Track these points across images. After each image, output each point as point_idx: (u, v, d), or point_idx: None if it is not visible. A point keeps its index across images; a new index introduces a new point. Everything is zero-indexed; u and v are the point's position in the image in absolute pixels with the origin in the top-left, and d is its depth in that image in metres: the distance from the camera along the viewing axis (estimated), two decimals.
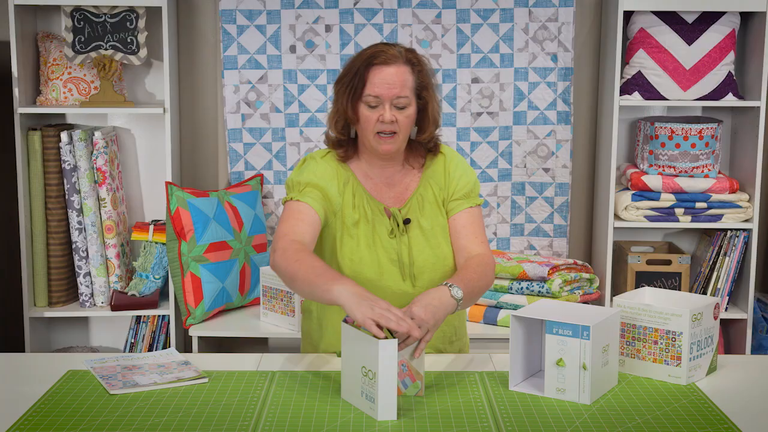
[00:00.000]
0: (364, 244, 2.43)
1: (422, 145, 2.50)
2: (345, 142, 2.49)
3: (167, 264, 3.74)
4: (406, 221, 2.45)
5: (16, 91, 3.66)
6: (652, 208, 3.80)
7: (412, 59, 2.40)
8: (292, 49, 3.92)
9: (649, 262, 3.84)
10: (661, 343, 2.26)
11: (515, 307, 3.62)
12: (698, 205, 3.78)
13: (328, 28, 3.91)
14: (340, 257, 2.44)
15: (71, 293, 3.84)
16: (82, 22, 3.71)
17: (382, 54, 2.37)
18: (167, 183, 3.64)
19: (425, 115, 2.44)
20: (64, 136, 3.66)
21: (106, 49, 3.73)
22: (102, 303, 3.79)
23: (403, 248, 2.44)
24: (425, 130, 2.46)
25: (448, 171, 2.51)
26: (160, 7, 3.70)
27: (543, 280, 3.61)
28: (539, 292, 3.61)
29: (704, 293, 3.84)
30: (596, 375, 2.13)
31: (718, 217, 3.81)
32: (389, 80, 2.35)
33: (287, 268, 2.25)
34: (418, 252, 2.45)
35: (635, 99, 3.79)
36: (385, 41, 2.50)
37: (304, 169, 2.47)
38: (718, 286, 3.83)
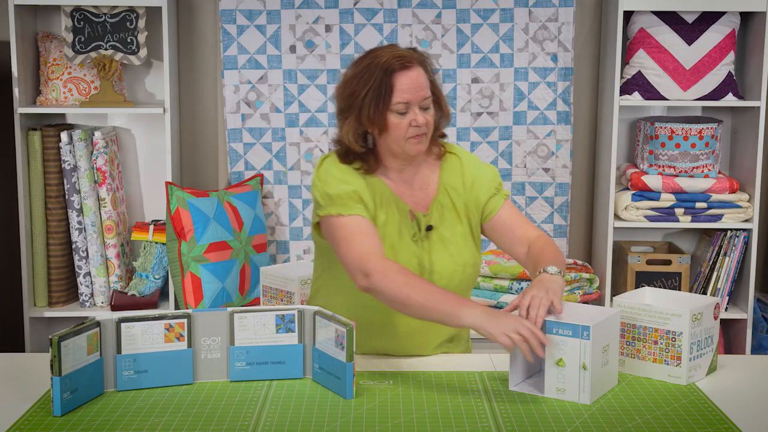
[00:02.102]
0: (389, 246, 2.39)
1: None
2: (366, 154, 2.40)
3: (167, 264, 3.74)
4: (429, 228, 2.42)
5: (16, 91, 3.66)
6: (652, 208, 3.80)
7: (419, 58, 2.37)
8: (292, 49, 3.92)
9: (649, 262, 3.84)
10: (661, 343, 2.26)
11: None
12: (698, 205, 3.78)
13: (328, 28, 3.91)
14: None
15: (71, 293, 3.84)
16: (82, 22, 3.71)
17: (400, 59, 2.32)
18: (167, 183, 3.64)
19: (439, 109, 2.42)
20: (64, 136, 3.66)
21: (106, 49, 3.73)
22: (102, 303, 3.79)
23: (423, 254, 2.42)
24: (440, 123, 2.45)
25: (465, 177, 2.47)
26: (160, 7, 3.70)
27: None
28: None
29: (704, 293, 3.84)
30: (596, 375, 2.13)
31: (718, 217, 3.81)
32: (414, 84, 2.31)
33: (397, 292, 2.24)
34: (437, 258, 2.42)
35: (635, 99, 3.79)
36: (387, 44, 2.45)
37: (333, 179, 2.38)
38: (718, 286, 3.83)
